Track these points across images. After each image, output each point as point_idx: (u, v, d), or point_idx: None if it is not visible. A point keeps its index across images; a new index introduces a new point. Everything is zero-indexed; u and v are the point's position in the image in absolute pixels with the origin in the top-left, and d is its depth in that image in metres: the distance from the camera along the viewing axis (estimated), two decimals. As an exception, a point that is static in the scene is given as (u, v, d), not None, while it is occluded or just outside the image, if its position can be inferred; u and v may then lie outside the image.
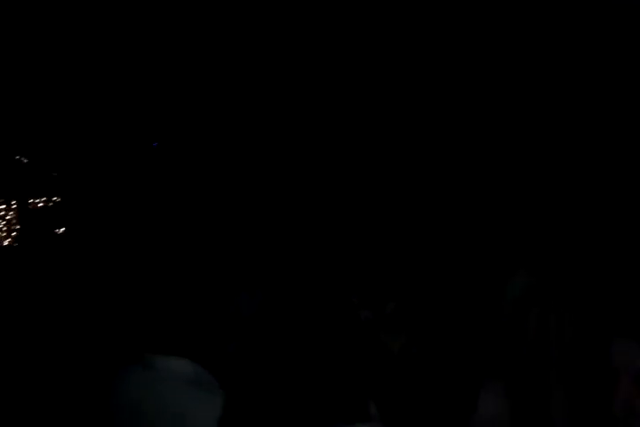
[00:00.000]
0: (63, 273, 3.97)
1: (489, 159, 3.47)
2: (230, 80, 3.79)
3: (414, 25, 3.24)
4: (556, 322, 1.64)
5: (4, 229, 4.30)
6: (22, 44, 3.57)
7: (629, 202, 2.92)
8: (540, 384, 1.59)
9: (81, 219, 4.19)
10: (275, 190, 3.97)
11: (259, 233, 3.73)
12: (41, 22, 3.46)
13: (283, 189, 3.95)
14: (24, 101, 4.00)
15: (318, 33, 3.44)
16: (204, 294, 1.83)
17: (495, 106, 3.38)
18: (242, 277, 2.63)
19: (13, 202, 4.32)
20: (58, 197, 4.31)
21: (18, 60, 3.67)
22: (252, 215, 3.85)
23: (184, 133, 4.01)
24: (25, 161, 4.26)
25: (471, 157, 3.53)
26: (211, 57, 3.70)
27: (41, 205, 4.34)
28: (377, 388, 1.75)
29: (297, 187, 3.91)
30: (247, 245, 3.57)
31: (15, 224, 4.33)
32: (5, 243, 4.32)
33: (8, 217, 4.30)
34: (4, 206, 4.29)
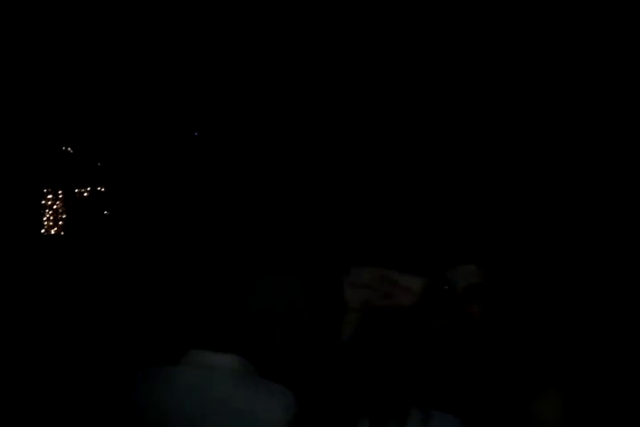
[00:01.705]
0: (108, 261, 4.05)
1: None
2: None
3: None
4: None
5: (52, 218, 4.40)
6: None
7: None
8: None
9: (125, 208, 4.26)
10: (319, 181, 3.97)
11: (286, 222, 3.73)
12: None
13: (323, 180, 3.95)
14: (68, 94, 4.07)
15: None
16: (237, 288, 1.84)
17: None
18: (268, 269, 2.63)
19: (60, 192, 4.41)
20: (102, 186, 4.39)
21: (59, 52, 3.73)
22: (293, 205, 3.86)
23: (225, 122, 4.04)
24: (71, 152, 4.34)
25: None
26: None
27: (86, 194, 4.42)
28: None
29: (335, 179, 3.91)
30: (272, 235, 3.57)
31: (62, 213, 4.42)
32: (52, 232, 4.42)
33: (55, 206, 4.40)
34: (50, 196, 4.39)
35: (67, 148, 4.31)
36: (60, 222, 4.41)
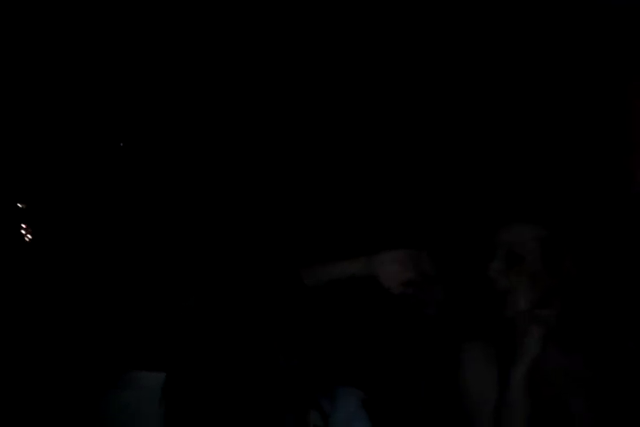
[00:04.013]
0: (31, 281, 3.85)
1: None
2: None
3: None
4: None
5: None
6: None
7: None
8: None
9: (46, 224, 4.05)
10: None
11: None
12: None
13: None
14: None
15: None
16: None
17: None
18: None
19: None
20: (23, 203, 4.17)
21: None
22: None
23: (151, 134, 3.88)
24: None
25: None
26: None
27: (5, 210, 4.19)
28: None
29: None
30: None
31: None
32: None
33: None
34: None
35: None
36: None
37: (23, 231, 4.04)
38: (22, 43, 3.45)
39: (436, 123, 3.10)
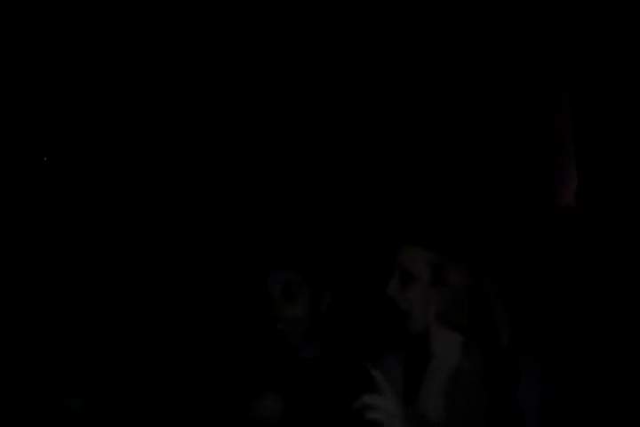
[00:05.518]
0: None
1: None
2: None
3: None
4: None
5: None
6: None
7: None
8: None
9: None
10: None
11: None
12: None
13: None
14: None
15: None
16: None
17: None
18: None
19: None
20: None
21: None
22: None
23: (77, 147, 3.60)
24: None
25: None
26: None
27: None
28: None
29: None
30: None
31: None
32: None
33: None
34: None
35: None
36: None
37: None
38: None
39: (342, 140, 2.99)
